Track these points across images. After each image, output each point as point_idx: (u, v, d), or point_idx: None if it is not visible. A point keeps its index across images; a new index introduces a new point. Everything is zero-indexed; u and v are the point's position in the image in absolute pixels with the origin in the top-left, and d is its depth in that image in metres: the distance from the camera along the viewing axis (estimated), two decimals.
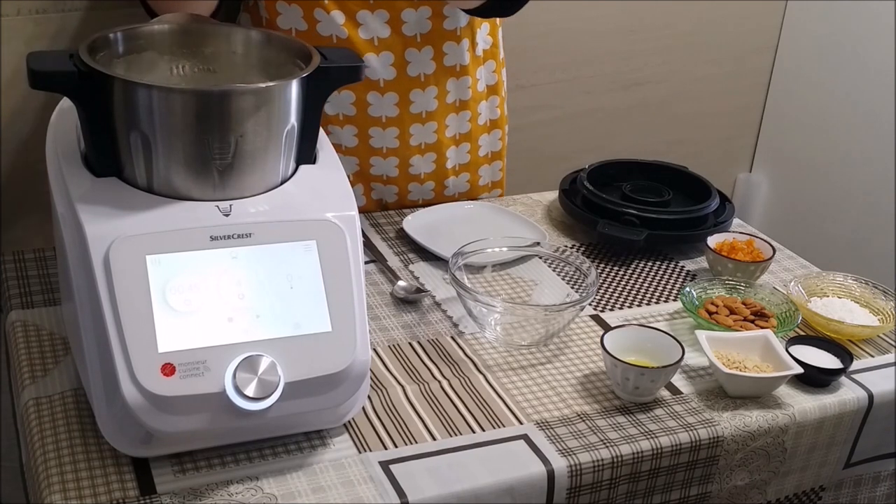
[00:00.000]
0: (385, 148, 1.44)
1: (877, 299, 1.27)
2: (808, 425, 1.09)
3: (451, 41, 1.42)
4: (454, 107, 1.47)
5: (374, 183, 1.48)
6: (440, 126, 1.47)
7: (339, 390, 0.92)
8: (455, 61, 1.44)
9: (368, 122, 1.42)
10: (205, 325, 0.87)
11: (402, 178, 1.48)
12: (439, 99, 1.45)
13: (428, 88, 1.43)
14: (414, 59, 1.40)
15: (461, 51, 1.43)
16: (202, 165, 0.91)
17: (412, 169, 1.48)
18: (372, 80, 1.39)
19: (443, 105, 1.45)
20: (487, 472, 0.95)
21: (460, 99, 1.47)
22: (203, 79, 1.04)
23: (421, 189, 1.51)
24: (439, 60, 1.42)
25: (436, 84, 1.43)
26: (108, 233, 0.87)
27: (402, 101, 1.42)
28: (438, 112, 1.45)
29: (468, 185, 1.55)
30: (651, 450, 1.00)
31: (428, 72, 1.42)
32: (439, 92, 1.44)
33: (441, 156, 1.49)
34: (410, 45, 1.39)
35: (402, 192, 1.50)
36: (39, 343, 1.10)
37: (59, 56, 0.90)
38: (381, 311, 1.22)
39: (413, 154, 1.47)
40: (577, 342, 1.18)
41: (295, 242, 0.92)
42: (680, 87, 2.29)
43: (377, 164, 1.46)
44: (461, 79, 1.46)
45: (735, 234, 1.38)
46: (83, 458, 0.93)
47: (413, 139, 1.45)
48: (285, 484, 0.92)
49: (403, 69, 1.40)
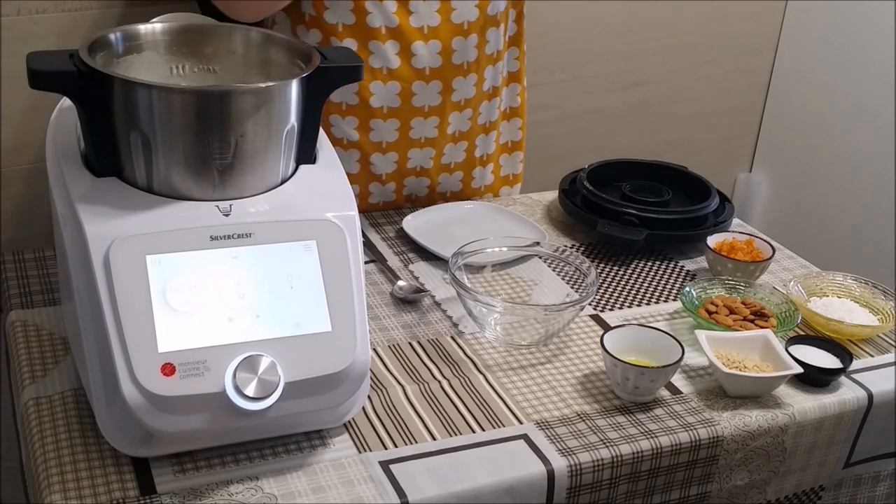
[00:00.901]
0: (423, 138, 1.45)
1: (876, 299, 1.27)
2: (808, 425, 1.09)
3: (493, 27, 1.44)
4: (488, 94, 1.49)
5: (409, 178, 1.49)
6: (474, 114, 1.48)
7: (339, 390, 0.92)
8: (494, 48, 1.46)
9: (412, 112, 1.42)
10: (205, 325, 0.87)
11: (435, 170, 1.50)
12: (477, 86, 1.46)
13: (469, 76, 1.44)
14: (460, 47, 1.41)
15: (499, 37, 1.46)
16: (202, 165, 0.91)
17: (444, 158, 1.49)
18: (417, 68, 1.39)
19: (479, 92, 1.47)
20: (487, 472, 0.95)
21: (493, 86, 1.49)
22: (203, 79, 1.04)
23: (450, 180, 1.52)
24: (482, 48, 1.43)
25: (476, 71, 1.45)
26: (108, 233, 0.87)
27: (445, 89, 1.42)
28: (475, 100, 1.47)
29: (492, 175, 1.57)
30: (651, 449, 1.00)
31: (471, 59, 1.43)
32: (478, 79, 1.46)
33: (471, 144, 1.51)
34: (458, 34, 1.40)
35: (433, 185, 1.51)
36: (39, 343, 1.10)
37: (59, 56, 0.90)
38: (381, 311, 1.22)
39: (447, 143, 1.48)
40: (577, 342, 1.18)
41: (295, 242, 0.92)
42: (680, 87, 2.29)
43: (414, 156, 1.46)
44: (496, 65, 1.48)
45: (735, 234, 1.38)
46: (83, 458, 0.93)
47: (450, 128, 1.47)
48: (285, 484, 0.92)
49: (449, 57, 1.41)
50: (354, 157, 1.45)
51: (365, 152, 1.44)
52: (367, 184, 1.47)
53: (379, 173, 1.46)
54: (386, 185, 1.47)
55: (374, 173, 1.46)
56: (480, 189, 1.56)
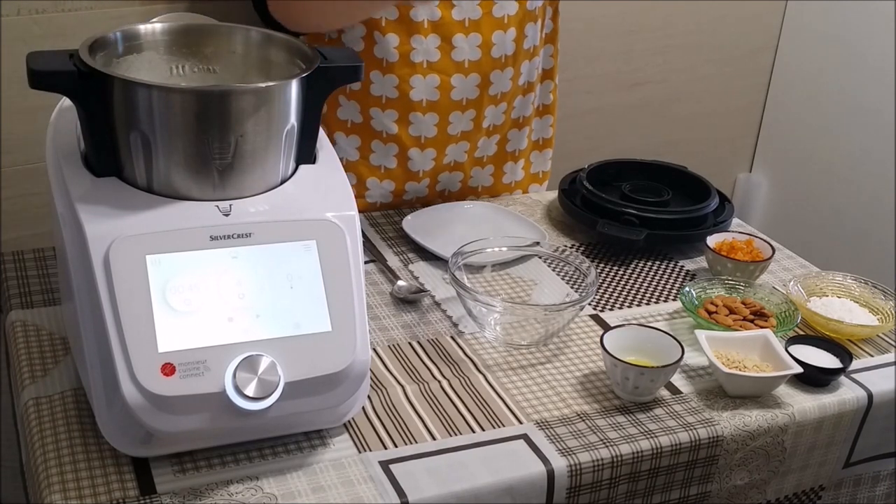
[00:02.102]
0: (460, 132, 1.47)
1: (876, 299, 1.27)
2: (808, 425, 1.09)
3: (531, 22, 1.45)
4: (523, 89, 1.51)
5: (443, 174, 1.50)
6: (508, 108, 1.50)
7: (339, 390, 0.92)
8: (531, 43, 1.48)
9: (451, 106, 1.44)
10: (205, 325, 0.87)
11: (469, 164, 1.52)
12: (513, 81, 1.48)
13: (506, 70, 1.45)
14: (499, 40, 1.42)
15: (536, 32, 1.47)
16: (202, 165, 0.91)
17: (478, 152, 1.51)
18: (457, 61, 1.41)
19: (515, 87, 1.49)
20: (487, 472, 0.95)
21: (528, 81, 1.51)
22: (203, 79, 1.04)
23: (482, 174, 1.54)
24: (519, 43, 1.45)
25: (513, 66, 1.46)
26: (108, 233, 0.87)
27: (483, 82, 1.44)
28: (510, 94, 1.49)
29: (522, 172, 1.59)
30: (651, 449, 1.00)
31: (508, 53, 1.44)
32: (514, 74, 1.47)
33: (503, 138, 1.53)
34: (498, 27, 1.41)
35: (466, 179, 1.53)
36: (39, 343, 1.10)
37: (59, 56, 0.90)
38: (380, 311, 1.22)
39: (481, 136, 1.50)
40: (577, 342, 1.18)
41: (295, 242, 0.92)
42: (680, 87, 2.29)
43: (451, 151, 1.48)
44: (532, 60, 1.49)
45: (734, 234, 1.38)
46: (83, 458, 0.93)
47: (485, 121, 1.49)
48: (285, 484, 0.92)
49: (488, 50, 1.42)
50: (392, 151, 1.46)
51: (403, 146, 1.46)
52: (404, 182, 1.49)
53: (416, 169, 1.48)
54: (421, 181, 1.49)
55: (412, 169, 1.48)
56: (511, 185, 1.58)
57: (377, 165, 1.48)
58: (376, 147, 1.47)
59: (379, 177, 1.48)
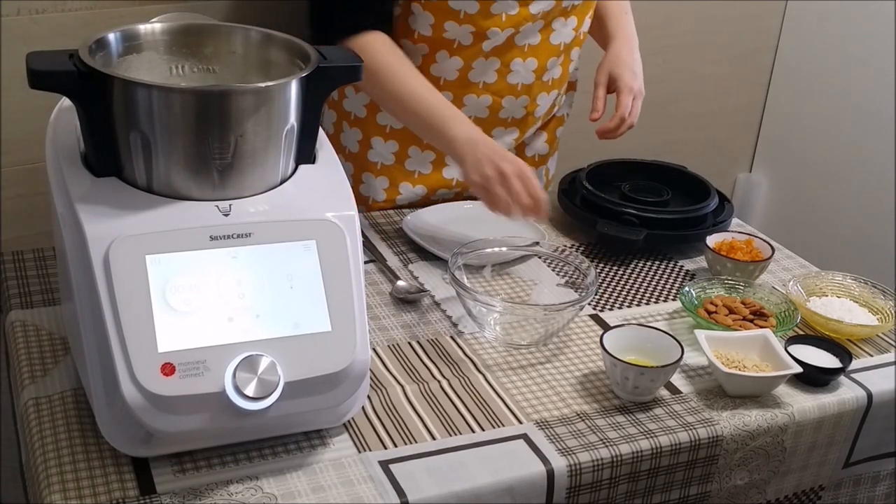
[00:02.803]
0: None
1: (876, 299, 1.27)
2: (808, 425, 1.09)
3: (577, 47, 1.50)
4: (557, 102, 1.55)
5: None
6: (546, 126, 1.55)
7: (339, 390, 0.92)
8: (574, 66, 1.52)
9: (497, 123, 1.47)
10: (205, 325, 0.87)
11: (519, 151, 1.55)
12: (556, 103, 1.54)
13: (552, 92, 1.50)
14: (552, 66, 1.46)
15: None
16: (202, 165, 0.91)
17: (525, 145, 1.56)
18: (511, 83, 1.44)
19: (550, 108, 1.53)
20: (487, 472, 0.95)
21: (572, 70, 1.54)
22: (203, 79, 1.04)
23: None
24: (566, 67, 1.49)
25: (558, 88, 1.51)
26: (108, 233, 0.87)
27: (531, 104, 1.48)
28: (548, 113, 1.54)
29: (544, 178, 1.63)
30: (650, 449, 1.01)
31: (556, 77, 1.48)
32: (559, 95, 1.53)
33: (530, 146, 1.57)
34: (552, 55, 1.45)
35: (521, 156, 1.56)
36: (39, 343, 1.10)
37: (59, 56, 0.90)
38: (380, 311, 1.22)
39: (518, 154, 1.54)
40: (577, 342, 1.18)
41: (295, 242, 0.92)
42: (680, 87, 2.29)
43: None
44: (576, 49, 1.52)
45: (734, 234, 1.38)
46: (83, 458, 0.93)
47: (524, 137, 1.53)
48: (285, 483, 0.92)
49: (541, 76, 1.45)
50: (429, 158, 1.49)
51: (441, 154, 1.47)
52: (436, 189, 1.52)
53: (450, 177, 1.51)
54: (453, 188, 1.52)
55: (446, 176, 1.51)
56: None
57: (412, 171, 1.49)
58: (413, 153, 1.47)
59: (412, 182, 1.49)
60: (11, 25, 1.44)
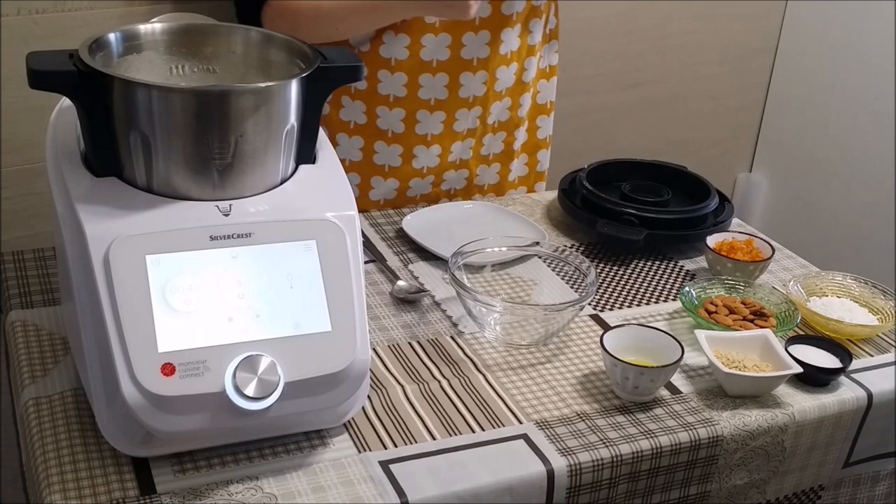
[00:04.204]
0: (466, 129, 1.48)
1: (876, 299, 1.27)
2: (808, 425, 1.09)
3: (535, 18, 1.47)
4: (527, 85, 1.52)
5: (448, 172, 1.52)
6: (513, 103, 1.52)
7: (339, 390, 0.92)
8: (535, 40, 1.50)
9: (458, 103, 1.46)
10: (205, 325, 0.87)
11: (475, 161, 1.53)
12: (517, 75, 1.49)
13: (511, 65, 1.47)
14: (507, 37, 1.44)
15: (539, 28, 1.49)
16: (202, 165, 0.91)
17: (483, 150, 1.53)
18: (466, 59, 1.43)
19: (519, 81, 1.50)
20: (487, 472, 0.95)
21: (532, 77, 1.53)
22: (203, 79, 1.04)
23: (488, 171, 1.56)
24: (524, 39, 1.47)
25: (517, 61, 1.48)
26: (108, 233, 0.87)
27: (490, 79, 1.46)
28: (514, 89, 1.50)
29: (526, 168, 1.61)
30: (650, 449, 1.01)
31: (514, 49, 1.46)
32: (518, 69, 1.49)
33: (510, 136, 1.55)
34: (506, 25, 1.43)
35: (471, 177, 1.55)
36: (39, 343, 1.10)
37: (59, 56, 0.90)
38: (380, 311, 1.22)
39: (487, 133, 1.52)
40: (577, 342, 1.18)
41: (295, 242, 0.92)
42: (680, 87, 2.29)
43: (456, 149, 1.49)
44: (535, 56, 1.51)
45: (734, 234, 1.38)
46: (83, 458, 0.93)
47: (491, 118, 1.50)
48: (285, 484, 0.92)
49: (497, 48, 1.44)
50: (397, 151, 1.48)
51: (409, 145, 1.47)
52: (409, 179, 1.51)
53: (420, 166, 1.49)
54: (425, 178, 1.51)
55: (416, 167, 1.49)
56: (515, 181, 1.60)
57: (381, 165, 1.49)
58: (380, 147, 1.47)
59: (384, 175, 1.49)
60: (11, 25, 1.44)
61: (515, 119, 1.54)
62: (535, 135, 1.59)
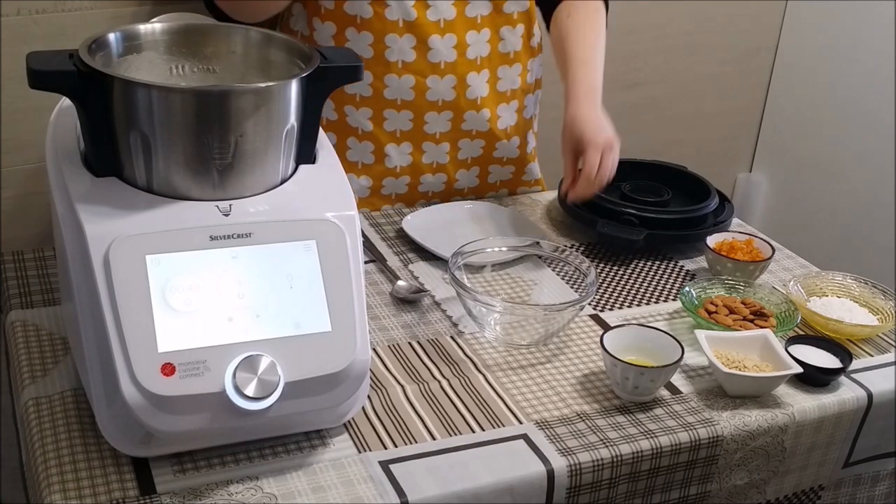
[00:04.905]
0: (438, 133, 1.47)
1: (876, 299, 1.27)
2: (808, 425, 1.09)
3: (507, 25, 1.45)
4: (505, 96, 1.50)
5: (425, 175, 1.50)
6: (492, 115, 1.50)
7: (339, 390, 0.92)
8: (510, 48, 1.47)
9: (426, 106, 1.45)
10: (205, 325, 0.87)
11: (452, 165, 1.52)
12: (490, 84, 1.48)
13: (482, 72, 1.46)
14: (473, 41, 1.43)
15: (515, 37, 1.47)
16: (202, 165, 0.91)
17: (461, 154, 1.52)
18: (433, 62, 1.41)
19: (493, 91, 1.48)
20: (487, 472, 0.95)
21: (511, 88, 1.51)
22: (203, 79, 1.04)
23: (467, 175, 1.54)
24: (494, 44, 1.45)
25: (489, 68, 1.46)
26: (108, 233, 0.87)
27: (460, 84, 1.45)
28: (489, 99, 1.48)
29: (511, 175, 1.58)
30: (651, 449, 1.01)
31: (483, 55, 1.45)
32: (490, 76, 1.47)
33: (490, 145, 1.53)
34: (471, 28, 1.42)
35: (450, 182, 1.53)
36: (39, 343, 1.10)
37: (59, 56, 0.90)
38: (380, 311, 1.22)
39: (462, 139, 1.50)
40: (577, 342, 1.18)
41: (295, 242, 0.92)
42: (680, 87, 2.29)
43: (430, 150, 1.48)
44: (513, 66, 1.49)
45: (734, 234, 1.38)
46: (83, 458, 0.93)
47: (465, 124, 1.48)
48: (285, 484, 0.92)
49: (464, 52, 1.43)
50: (368, 148, 1.47)
51: (380, 143, 1.46)
52: (381, 178, 1.50)
53: (393, 165, 1.48)
54: (399, 177, 1.50)
55: (388, 165, 1.48)
56: (496, 184, 1.58)
57: (355, 162, 1.49)
58: (352, 143, 1.47)
59: (357, 173, 1.49)
60: (11, 25, 1.44)
61: (496, 131, 1.51)
62: (522, 149, 1.57)
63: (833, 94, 2.30)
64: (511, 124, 1.53)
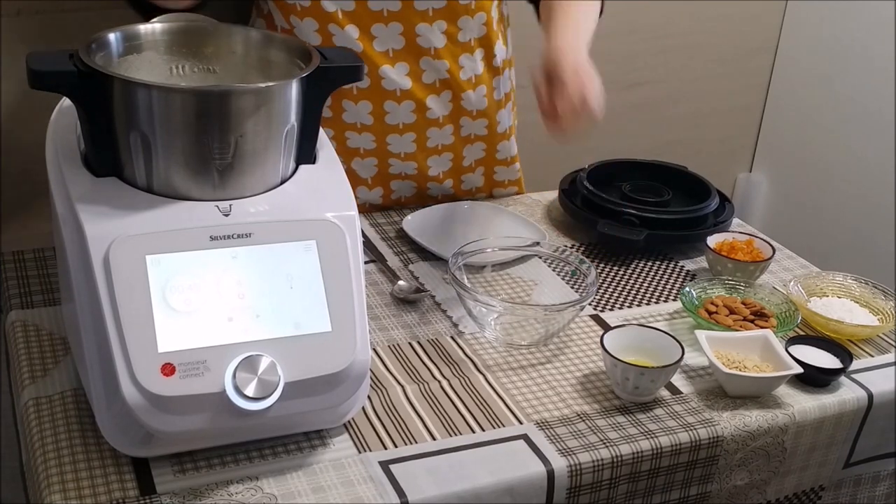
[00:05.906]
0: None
1: (876, 299, 1.27)
2: (808, 425, 1.09)
3: (466, 52, 1.42)
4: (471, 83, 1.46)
5: (395, 181, 1.49)
6: (456, 128, 1.47)
7: (339, 390, 0.92)
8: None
9: (387, 129, 1.43)
10: (205, 325, 0.87)
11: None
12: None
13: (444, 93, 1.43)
14: (428, 66, 1.40)
15: (475, 61, 1.44)
16: (202, 165, 0.91)
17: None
18: (388, 90, 1.40)
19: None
20: (487, 472, 0.95)
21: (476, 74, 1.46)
22: (203, 79, 1.04)
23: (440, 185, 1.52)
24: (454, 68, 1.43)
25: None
26: (108, 233, 0.87)
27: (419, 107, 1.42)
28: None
29: (483, 179, 1.55)
30: (651, 450, 1.00)
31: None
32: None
33: (458, 154, 1.50)
34: (424, 55, 1.39)
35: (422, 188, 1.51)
36: (39, 343, 1.10)
37: (59, 56, 0.90)
38: (380, 311, 1.22)
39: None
40: (577, 342, 1.18)
41: (295, 242, 0.92)
42: (680, 87, 2.29)
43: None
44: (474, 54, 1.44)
45: (735, 234, 1.38)
46: (83, 458, 0.93)
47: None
48: (285, 484, 0.92)
49: (419, 78, 1.41)
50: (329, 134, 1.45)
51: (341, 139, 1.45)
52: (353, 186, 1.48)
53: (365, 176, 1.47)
54: (373, 189, 1.48)
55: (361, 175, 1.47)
56: (472, 190, 1.55)
57: None
58: None
59: None
60: (11, 25, 1.44)
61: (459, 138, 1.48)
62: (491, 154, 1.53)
63: (833, 95, 2.30)
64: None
